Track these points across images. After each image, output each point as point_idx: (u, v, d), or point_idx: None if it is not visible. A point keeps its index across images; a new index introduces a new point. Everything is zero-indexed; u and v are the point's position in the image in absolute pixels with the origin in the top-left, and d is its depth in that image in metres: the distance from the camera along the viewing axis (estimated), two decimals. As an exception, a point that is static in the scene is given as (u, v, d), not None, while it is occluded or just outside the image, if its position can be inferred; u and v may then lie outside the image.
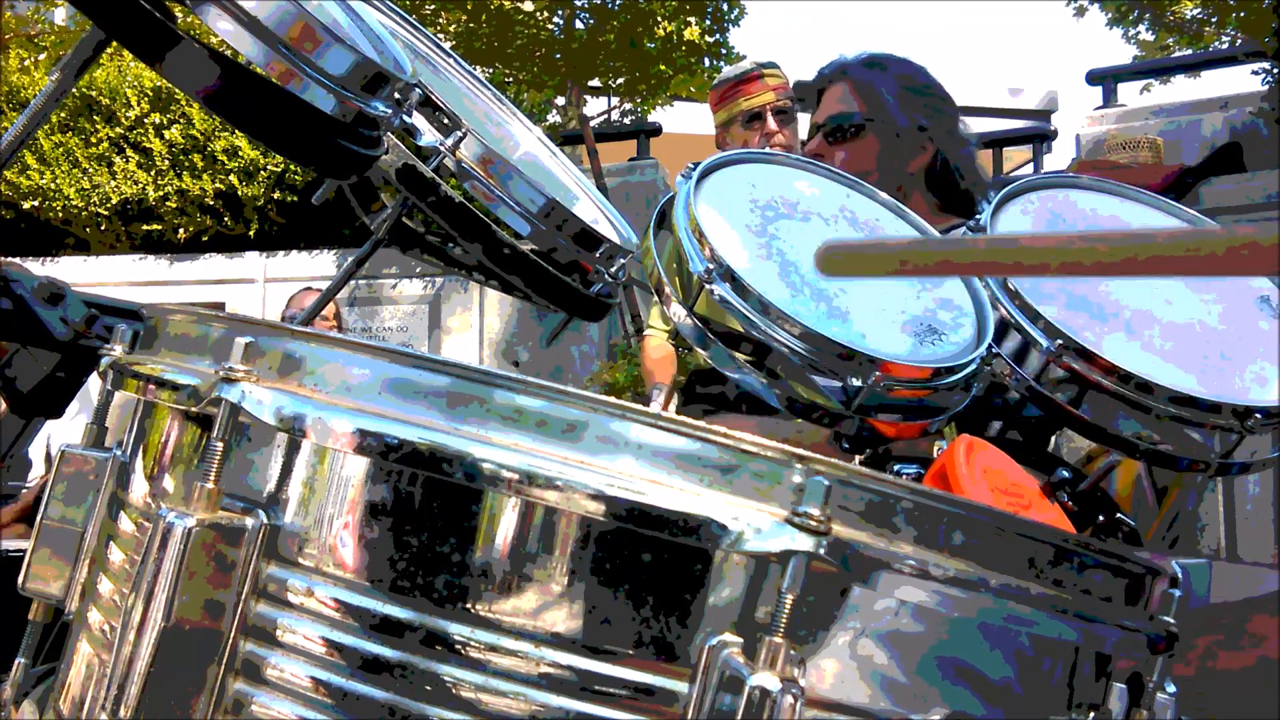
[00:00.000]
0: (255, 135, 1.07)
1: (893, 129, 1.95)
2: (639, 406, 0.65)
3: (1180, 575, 0.79)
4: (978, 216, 1.31)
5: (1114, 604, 0.75)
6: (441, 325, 6.78)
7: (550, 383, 0.65)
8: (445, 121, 1.24)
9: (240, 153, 6.94)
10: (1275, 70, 6.38)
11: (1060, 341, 1.16)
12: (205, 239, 7.21)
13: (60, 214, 7.21)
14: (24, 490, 3.48)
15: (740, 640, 0.64)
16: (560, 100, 7.96)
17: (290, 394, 0.70)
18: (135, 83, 7.15)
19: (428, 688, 0.66)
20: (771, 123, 2.95)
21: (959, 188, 1.96)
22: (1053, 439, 1.73)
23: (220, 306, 6.45)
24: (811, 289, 1.12)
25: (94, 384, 0.96)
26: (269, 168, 6.95)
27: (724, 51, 7.98)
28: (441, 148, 1.24)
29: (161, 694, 0.67)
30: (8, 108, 7.26)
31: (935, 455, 1.27)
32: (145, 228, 7.24)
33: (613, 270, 1.44)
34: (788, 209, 1.24)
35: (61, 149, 7.15)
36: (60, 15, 8.99)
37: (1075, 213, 1.38)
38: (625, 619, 0.65)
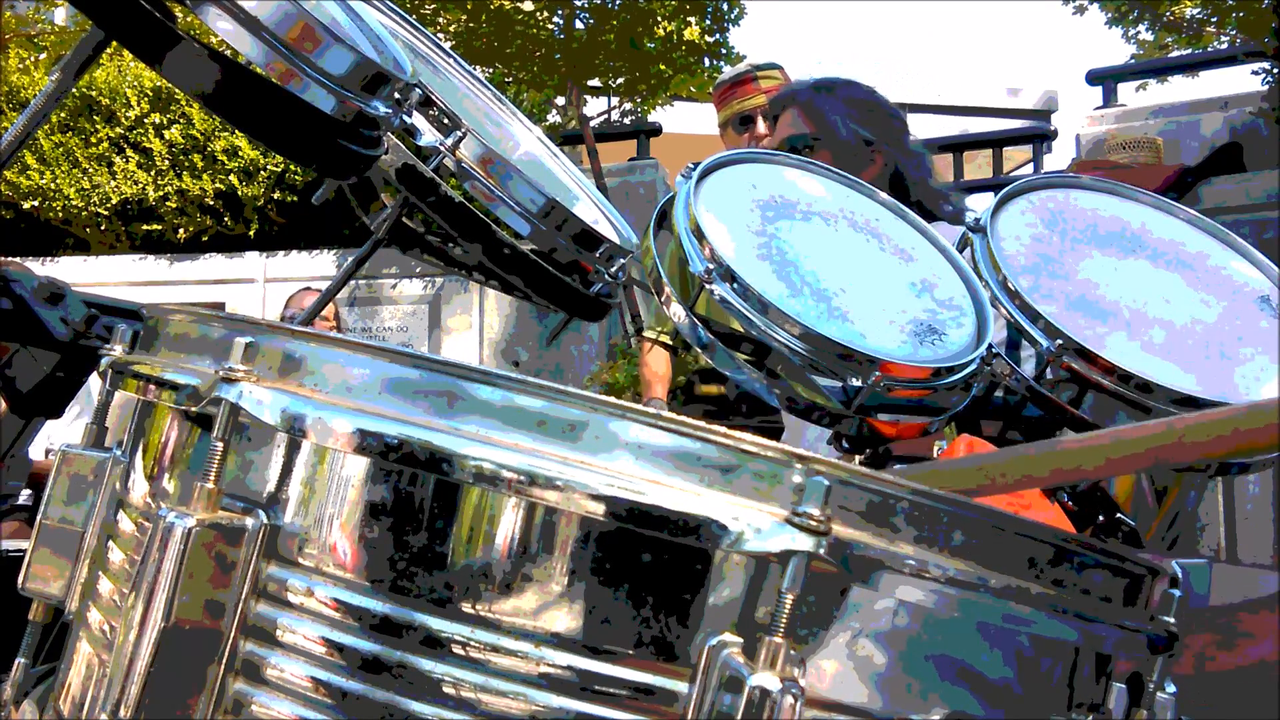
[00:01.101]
0: (255, 135, 1.07)
1: (841, 145, 2.09)
2: (639, 406, 0.65)
3: (1180, 575, 0.79)
4: (978, 217, 1.31)
5: (1114, 604, 0.75)
6: (441, 325, 6.78)
7: (550, 383, 0.65)
8: (445, 121, 1.24)
9: (240, 153, 6.94)
10: (1275, 70, 6.38)
11: (1060, 341, 1.16)
12: (205, 239, 7.21)
13: (60, 214, 7.21)
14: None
15: (740, 640, 0.64)
16: (560, 100, 7.96)
17: (290, 394, 0.70)
18: (135, 83, 7.15)
19: (428, 688, 0.66)
20: (761, 126, 2.97)
21: (910, 197, 2.04)
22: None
23: (220, 306, 6.46)
24: (811, 289, 1.12)
25: (94, 384, 0.96)
26: (269, 168, 6.95)
27: (724, 51, 7.97)
28: (441, 148, 1.24)
29: (161, 694, 0.67)
30: (8, 108, 7.26)
31: (935, 455, 1.27)
32: (145, 228, 7.24)
33: (613, 270, 1.44)
34: (788, 209, 1.24)
35: (61, 149, 7.15)
36: (60, 15, 8.99)
37: (1075, 213, 1.38)
38: (625, 619, 0.65)
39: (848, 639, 0.66)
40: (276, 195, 7.06)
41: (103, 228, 7.28)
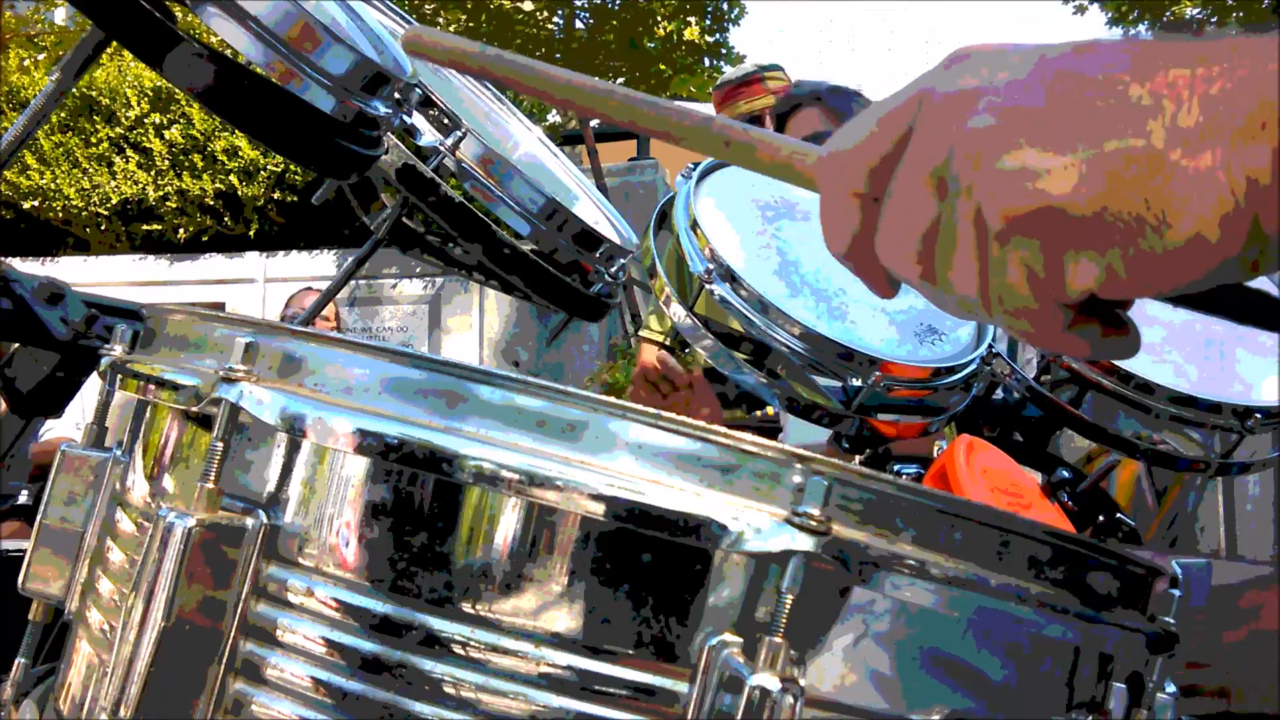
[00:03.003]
0: (255, 135, 1.08)
1: None
2: (639, 406, 0.65)
3: (1180, 575, 0.79)
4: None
5: (1114, 604, 0.75)
6: (441, 325, 6.79)
7: (550, 383, 0.65)
8: (445, 121, 1.24)
9: (240, 153, 6.94)
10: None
11: (1060, 341, 1.15)
12: (205, 239, 7.21)
13: (60, 214, 7.21)
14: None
15: (740, 640, 0.64)
16: (560, 100, 7.95)
17: (290, 394, 0.70)
18: (135, 83, 7.15)
19: (428, 688, 0.66)
20: (769, 126, 2.96)
21: None
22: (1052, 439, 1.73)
23: (220, 306, 6.45)
24: (811, 289, 1.12)
25: (94, 384, 0.96)
26: (269, 168, 6.95)
27: (724, 51, 7.99)
28: (441, 148, 1.24)
29: (161, 694, 0.67)
30: (8, 108, 7.27)
31: (935, 455, 1.27)
32: (145, 228, 7.24)
33: (613, 270, 1.44)
34: (787, 209, 1.24)
35: (61, 149, 7.16)
36: (60, 15, 8.99)
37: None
38: (625, 619, 0.65)
39: (848, 639, 0.66)
40: (276, 195, 7.07)
41: (103, 228, 7.28)
